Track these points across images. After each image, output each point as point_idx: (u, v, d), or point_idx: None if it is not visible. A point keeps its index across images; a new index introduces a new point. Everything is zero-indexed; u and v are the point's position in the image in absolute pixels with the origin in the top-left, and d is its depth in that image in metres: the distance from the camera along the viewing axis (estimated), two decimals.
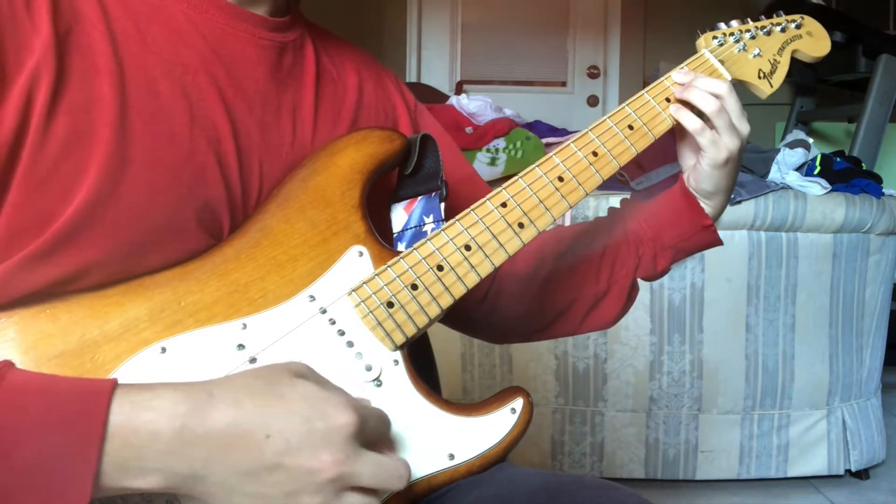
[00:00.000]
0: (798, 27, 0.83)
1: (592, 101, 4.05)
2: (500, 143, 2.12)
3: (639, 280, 0.87)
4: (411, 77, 4.01)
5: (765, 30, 0.82)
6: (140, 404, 0.49)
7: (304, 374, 0.55)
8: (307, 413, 0.52)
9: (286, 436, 0.51)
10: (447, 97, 2.64)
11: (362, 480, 0.53)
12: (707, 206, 0.82)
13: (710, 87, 0.76)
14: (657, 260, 0.84)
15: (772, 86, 0.82)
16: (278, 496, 0.52)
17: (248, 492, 0.51)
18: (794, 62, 0.84)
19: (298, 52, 0.72)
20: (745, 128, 0.78)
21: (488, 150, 2.10)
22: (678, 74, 0.77)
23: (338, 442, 0.52)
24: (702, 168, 0.78)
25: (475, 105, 2.26)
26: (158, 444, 0.49)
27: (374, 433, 0.56)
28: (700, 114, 0.76)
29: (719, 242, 0.84)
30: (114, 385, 0.50)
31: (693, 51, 0.80)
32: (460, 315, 0.82)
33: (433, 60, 4.06)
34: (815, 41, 0.84)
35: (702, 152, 0.77)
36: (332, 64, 0.76)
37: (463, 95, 2.33)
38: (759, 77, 0.81)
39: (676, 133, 0.80)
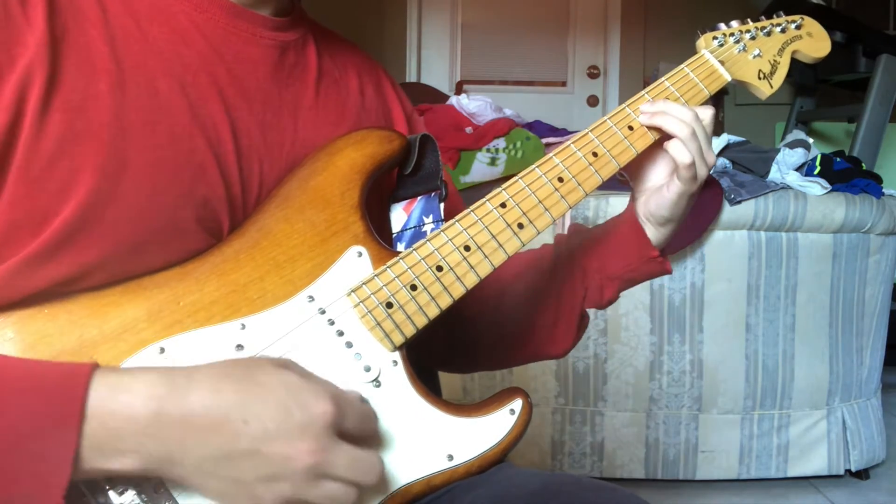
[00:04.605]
0: (798, 28, 0.83)
1: (592, 101, 4.05)
2: (500, 143, 2.12)
3: (618, 293, 0.83)
4: (411, 77, 4.01)
5: (765, 30, 0.82)
6: (117, 387, 0.50)
7: (287, 365, 0.56)
8: (286, 401, 0.52)
9: (263, 422, 0.52)
10: (447, 97, 2.64)
11: (337, 471, 0.54)
12: (657, 234, 0.77)
13: (680, 113, 0.73)
14: (603, 291, 0.81)
15: (772, 86, 0.81)
16: (253, 482, 0.52)
17: (224, 476, 0.52)
18: (795, 62, 0.84)
19: (300, 51, 0.72)
20: (711, 158, 0.74)
21: (488, 150, 2.10)
22: (647, 106, 0.74)
23: (314, 431, 0.53)
24: (667, 195, 0.74)
25: (475, 105, 2.26)
26: (134, 426, 0.50)
27: (353, 427, 0.56)
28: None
29: (668, 271, 0.81)
30: (92, 368, 0.50)
31: (693, 51, 0.80)
32: (422, 344, 0.81)
33: (433, 60, 4.06)
34: (815, 42, 0.84)
35: (674, 180, 0.74)
36: (334, 65, 0.76)
37: (463, 95, 2.33)
38: (759, 78, 0.81)
39: (644, 153, 0.75)
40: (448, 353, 0.87)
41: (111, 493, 0.54)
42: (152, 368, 0.53)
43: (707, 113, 0.75)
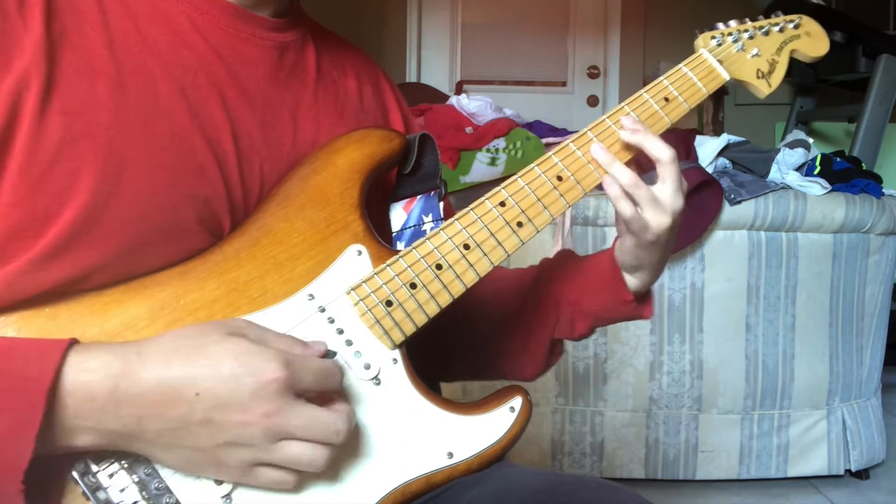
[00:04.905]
0: (796, 27, 0.83)
1: (592, 101, 4.05)
2: (500, 143, 2.12)
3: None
4: (411, 77, 4.01)
5: (763, 30, 0.82)
6: (76, 366, 0.52)
7: (240, 330, 0.56)
8: (236, 370, 0.53)
9: (214, 392, 0.53)
10: (447, 97, 2.64)
11: (295, 432, 0.55)
12: (633, 280, 0.75)
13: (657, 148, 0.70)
14: (575, 324, 0.79)
15: (770, 86, 0.81)
16: (213, 448, 0.54)
17: (184, 446, 0.54)
18: (795, 62, 0.84)
19: (300, 52, 0.72)
20: (678, 203, 0.70)
21: (488, 150, 2.10)
22: (627, 120, 0.71)
23: (267, 396, 0.54)
24: (627, 243, 0.72)
25: (475, 105, 2.26)
26: (93, 405, 0.52)
27: (311, 386, 0.56)
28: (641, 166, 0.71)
29: (647, 316, 0.78)
30: (64, 349, 0.52)
31: (693, 51, 0.80)
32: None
33: (433, 60, 4.06)
34: (813, 41, 0.84)
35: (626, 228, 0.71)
36: (333, 65, 0.76)
37: (463, 95, 2.33)
38: (758, 77, 0.81)
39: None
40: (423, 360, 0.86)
41: (100, 475, 0.55)
42: (105, 346, 0.54)
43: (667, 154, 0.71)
